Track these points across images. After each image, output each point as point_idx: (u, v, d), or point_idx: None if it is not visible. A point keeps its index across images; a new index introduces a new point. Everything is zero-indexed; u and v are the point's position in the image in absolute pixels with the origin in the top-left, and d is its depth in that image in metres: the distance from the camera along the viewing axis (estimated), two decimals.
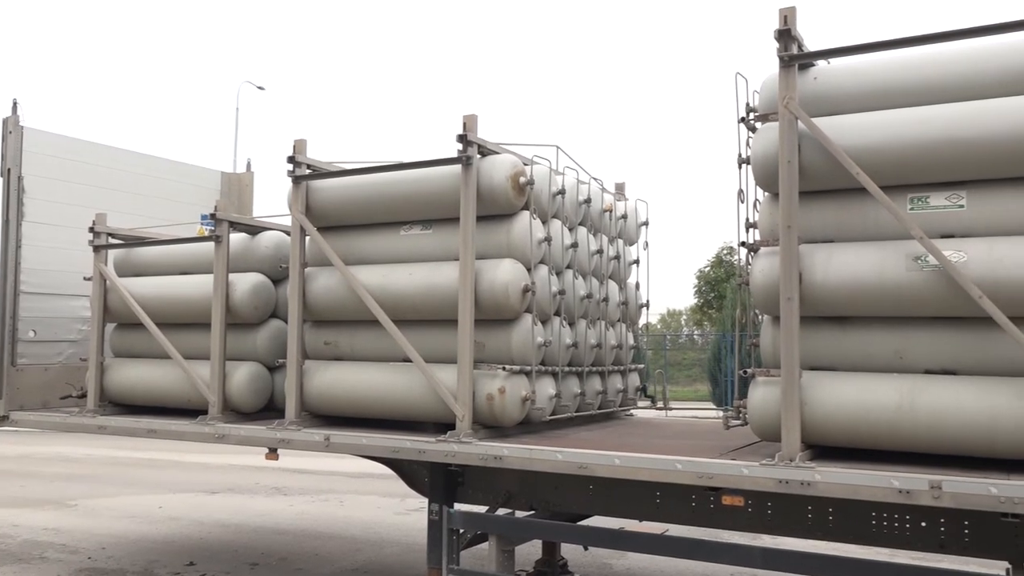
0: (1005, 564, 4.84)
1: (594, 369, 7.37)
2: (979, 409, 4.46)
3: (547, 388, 6.50)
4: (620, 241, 8.02)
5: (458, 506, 6.27)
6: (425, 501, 6.40)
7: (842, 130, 4.87)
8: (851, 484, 4.52)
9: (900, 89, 4.97)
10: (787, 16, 4.95)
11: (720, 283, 33.93)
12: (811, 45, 5.16)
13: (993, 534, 4.64)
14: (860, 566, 4.97)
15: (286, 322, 7.05)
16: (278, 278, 7.70)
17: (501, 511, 6.21)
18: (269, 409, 7.51)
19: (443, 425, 6.11)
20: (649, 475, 5.14)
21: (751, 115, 5.46)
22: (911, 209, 4.82)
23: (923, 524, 4.80)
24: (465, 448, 5.80)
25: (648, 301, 8.33)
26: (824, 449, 4.99)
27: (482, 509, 6.24)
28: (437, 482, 6.29)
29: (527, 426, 6.42)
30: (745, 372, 5.20)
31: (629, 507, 5.73)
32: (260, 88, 37.41)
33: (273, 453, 6.99)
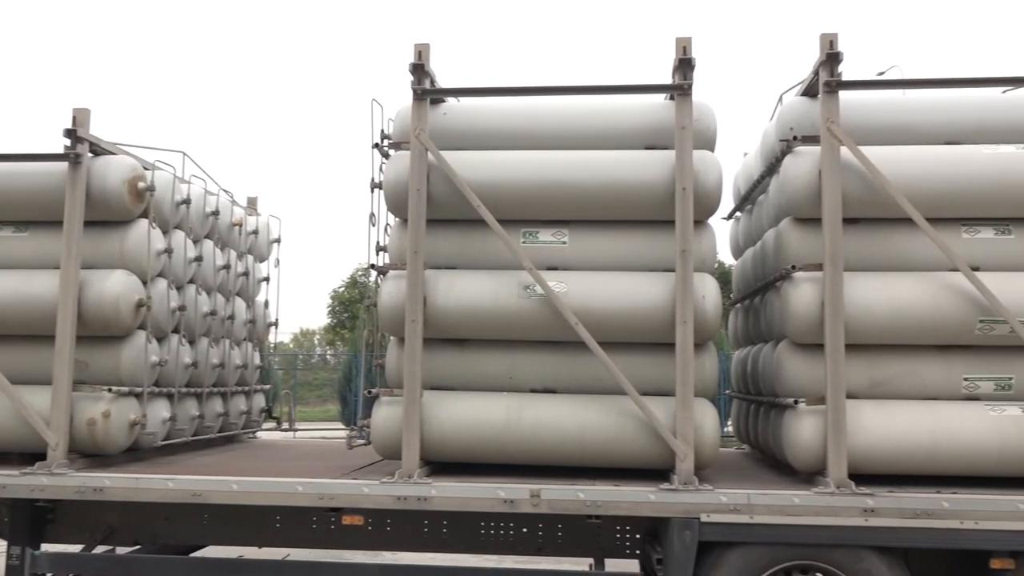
0: (590, 560, 5.48)
1: (216, 390, 7.01)
2: (572, 423, 5.02)
3: (161, 411, 6.04)
4: (250, 257, 7.75)
5: (45, 547, 5.53)
6: (3, 544, 5.54)
7: (467, 164, 5.21)
8: (463, 497, 4.81)
9: (519, 133, 5.46)
10: (421, 52, 5.19)
11: (354, 304, 34.29)
12: (447, 83, 5.48)
13: (581, 535, 5.22)
14: (469, 575, 5.30)
15: None
16: None
17: (100, 548, 5.59)
18: None
19: (33, 455, 5.36)
20: (269, 499, 5.00)
21: (385, 142, 5.62)
22: (523, 242, 5.30)
23: (524, 530, 5.25)
24: (57, 480, 5.15)
25: (277, 320, 8.14)
26: (442, 465, 5.25)
27: (76, 548, 5.57)
28: (19, 521, 5.45)
29: (136, 453, 5.90)
30: (370, 392, 5.30)
31: (248, 534, 5.50)
32: None
33: None
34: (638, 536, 5.20)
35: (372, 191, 5.61)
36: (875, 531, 4.55)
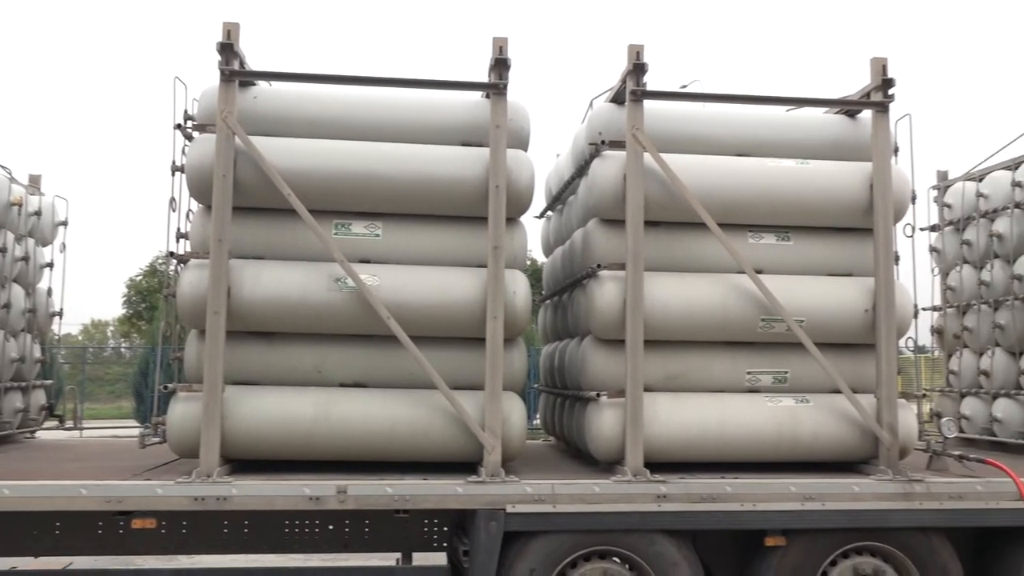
0: (397, 555, 5.46)
1: None
2: (382, 418, 4.98)
3: None
4: (31, 240, 7.08)
5: None
6: None
7: (278, 151, 5.03)
8: (266, 495, 4.65)
9: (333, 122, 5.33)
10: (231, 31, 4.95)
11: (153, 293, 32.26)
12: (258, 65, 5.25)
13: (389, 530, 5.18)
14: (271, 575, 5.13)
15: None
16: None
17: None
18: None
19: None
20: (48, 504, 4.59)
21: (188, 123, 5.32)
22: (335, 234, 5.19)
23: (331, 527, 5.13)
24: None
25: (62, 309, 7.50)
26: (245, 463, 5.04)
27: None
28: None
29: None
30: (166, 387, 5.00)
31: (23, 543, 5.01)
32: None
33: None
34: (446, 529, 5.24)
35: (173, 174, 5.28)
36: (666, 515, 4.84)
